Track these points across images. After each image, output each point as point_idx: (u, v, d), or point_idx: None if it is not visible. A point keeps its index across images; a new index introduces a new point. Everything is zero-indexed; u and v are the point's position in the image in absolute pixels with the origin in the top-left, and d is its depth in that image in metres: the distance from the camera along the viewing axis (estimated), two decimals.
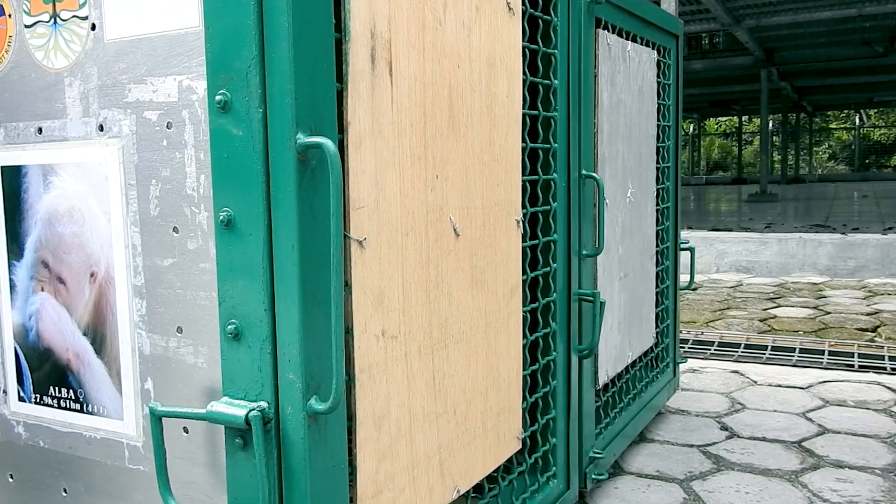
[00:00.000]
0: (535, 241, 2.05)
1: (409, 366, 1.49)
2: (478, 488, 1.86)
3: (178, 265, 1.41)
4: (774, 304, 6.15)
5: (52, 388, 1.61)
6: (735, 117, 31.76)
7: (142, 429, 1.50)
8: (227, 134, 1.24)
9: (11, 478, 1.73)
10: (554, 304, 2.14)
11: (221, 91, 1.24)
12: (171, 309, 1.43)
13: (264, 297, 1.24)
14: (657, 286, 3.14)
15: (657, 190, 3.06)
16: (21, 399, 1.67)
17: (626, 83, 2.62)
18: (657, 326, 3.16)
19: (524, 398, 2.01)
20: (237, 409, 1.25)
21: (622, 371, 2.78)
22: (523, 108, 1.93)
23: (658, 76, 3.03)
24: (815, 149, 34.34)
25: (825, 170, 34.09)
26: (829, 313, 5.80)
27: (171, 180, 1.40)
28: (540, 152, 2.06)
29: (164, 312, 1.44)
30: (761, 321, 5.54)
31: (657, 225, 3.08)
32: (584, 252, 2.30)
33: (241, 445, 1.29)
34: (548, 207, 2.10)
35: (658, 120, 3.03)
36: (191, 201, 1.38)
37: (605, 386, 2.60)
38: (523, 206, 1.96)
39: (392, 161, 1.42)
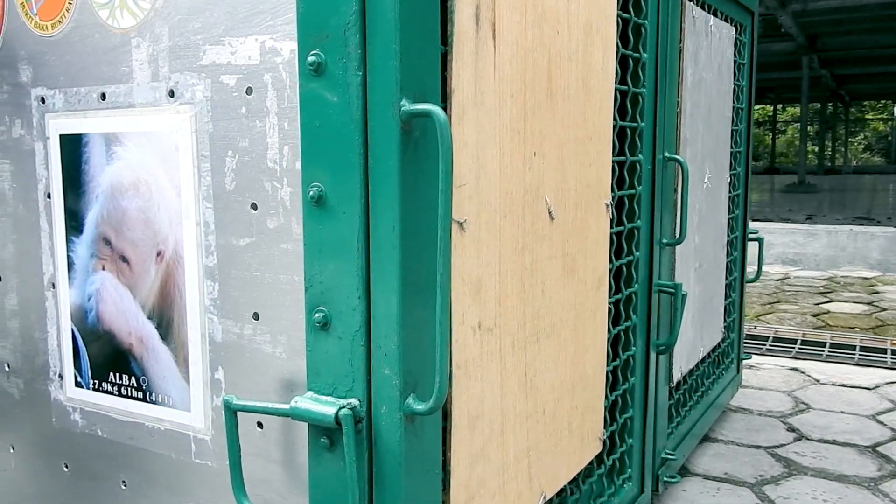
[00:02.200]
0: (621, 228, 1.90)
1: (502, 361, 1.35)
2: (558, 492, 1.73)
3: (255, 245, 1.29)
4: (826, 299, 5.93)
5: (112, 373, 1.50)
6: (769, 106, 31.09)
7: (210, 421, 1.39)
8: (320, 100, 1.11)
9: (66, 467, 1.63)
10: (635, 295, 1.99)
11: (314, 52, 1.11)
12: (246, 293, 1.31)
13: (358, 283, 1.11)
14: (726, 278, 2.97)
15: (730, 176, 2.88)
16: (78, 384, 1.57)
17: (708, 60, 2.44)
18: (724, 321, 2.99)
19: (605, 396, 1.87)
20: (326, 407, 1.12)
21: (692, 368, 2.63)
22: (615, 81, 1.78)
23: (734, 55, 2.85)
24: (850, 139, 33.54)
25: (860, 161, 33.31)
26: (884, 310, 5.57)
27: (250, 152, 1.27)
28: (628, 131, 1.91)
29: (239, 297, 1.32)
30: (814, 316, 5.33)
31: (728, 213, 2.91)
32: (664, 240, 2.14)
33: (328, 446, 1.16)
34: (633, 191, 1.95)
35: (733, 101, 2.85)
36: (272, 175, 1.25)
37: (677, 384, 2.45)
38: (610, 189, 1.81)
39: (493, 135, 1.28)
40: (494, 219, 1.30)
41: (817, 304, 5.82)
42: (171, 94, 1.34)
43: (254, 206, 1.28)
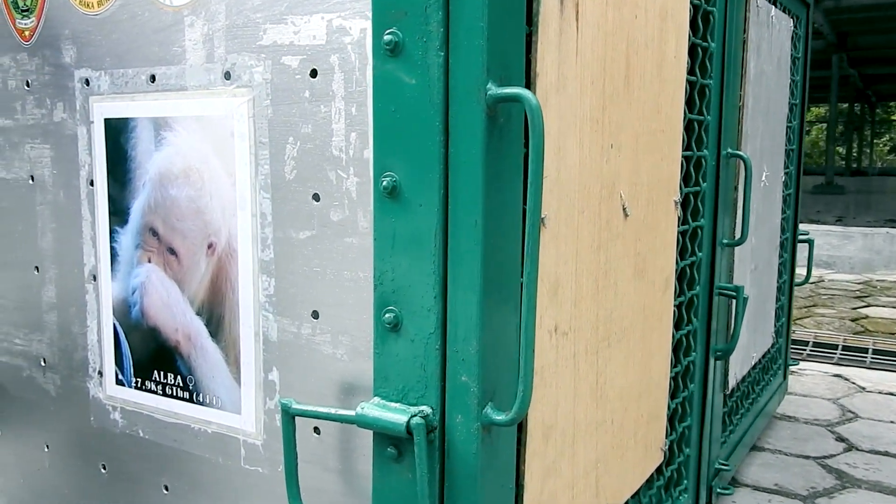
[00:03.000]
0: (686, 227, 1.80)
1: (576, 368, 1.26)
2: None
3: (317, 238, 1.20)
4: (864, 303, 5.77)
5: (156, 372, 1.43)
6: None
7: (262, 425, 1.31)
8: (397, 82, 1.02)
9: (104, 468, 1.56)
10: (697, 298, 1.89)
11: (391, 31, 1.02)
12: (305, 290, 1.22)
13: (434, 282, 1.02)
14: (777, 281, 2.86)
15: (783, 174, 2.77)
16: (119, 382, 1.49)
17: (769, 53, 2.33)
18: (773, 325, 2.88)
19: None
20: (397, 415, 1.03)
21: (744, 374, 2.52)
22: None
23: (790, 48, 2.73)
24: (875, 141, 33.04)
25: (885, 163, 32.80)
26: None
27: (313, 138, 1.18)
28: (695, 125, 1.80)
29: (297, 293, 1.23)
30: (853, 321, 5.18)
31: (781, 213, 2.80)
32: (724, 241, 2.04)
33: (395, 456, 1.08)
34: (698, 188, 1.84)
35: (788, 97, 2.74)
36: (337, 164, 1.16)
37: (731, 391, 2.35)
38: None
39: (573, 124, 1.18)
40: (573, 214, 1.20)
41: (855, 308, 5.67)
42: (227, 76, 1.26)
43: (316, 197, 1.19)
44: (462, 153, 0.99)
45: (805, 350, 4.30)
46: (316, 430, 1.25)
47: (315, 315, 1.22)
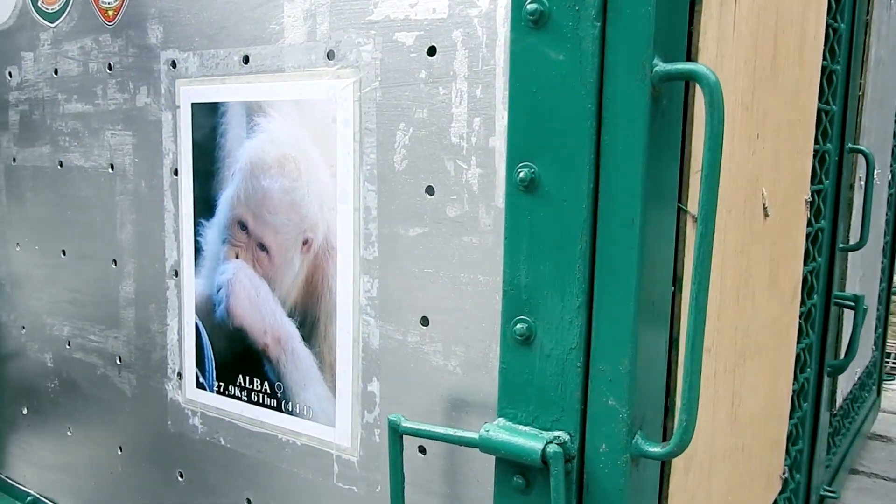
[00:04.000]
0: (809, 229, 1.63)
1: (715, 389, 1.11)
2: None
3: (430, 236, 1.08)
4: None
5: (241, 376, 1.32)
6: None
7: (359, 440, 1.19)
8: (540, 59, 0.88)
9: (181, 476, 1.46)
10: (815, 308, 1.72)
11: None
12: (414, 293, 1.10)
13: (578, 289, 0.89)
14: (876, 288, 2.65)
15: (889, 173, 2.56)
16: (200, 386, 1.39)
17: (887, 37, 2.14)
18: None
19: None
20: (531, 441, 0.90)
21: (848, 391, 2.34)
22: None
23: None
24: None
25: None
26: None
27: (429, 124, 1.06)
28: (822, 115, 1.63)
29: (404, 297, 1.11)
30: None
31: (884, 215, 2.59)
32: (841, 245, 1.86)
33: (522, 487, 0.95)
34: (821, 187, 1.67)
35: None
36: (456, 152, 1.04)
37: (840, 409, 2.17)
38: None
39: (727, 109, 1.03)
40: (721, 213, 1.06)
41: None
42: (331, 55, 1.14)
43: (429, 190, 1.07)
44: (619, 140, 0.85)
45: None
46: (421, 449, 1.13)
47: (424, 321, 1.10)
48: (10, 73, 1.65)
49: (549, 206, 0.90)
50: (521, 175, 0.91)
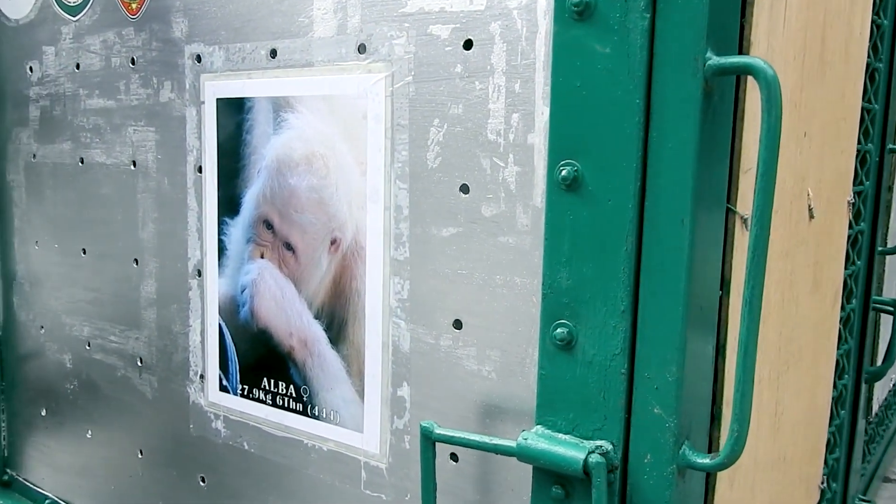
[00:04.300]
0: (849, 231, 1.58)
1: (759, 397, 1.07)
2: None
3: (463, 236, 1.04)
4: None
5: (265, 379, 1.29)
6: None
7: (388, 447, 1.15)
8: (584, 52, 0.84)
9: (203, 481, 1.43)
10: (853, 313, 1.67)
11: None
12: (446, 295, 1.06)
13: (623, 293, 0.85)
14: None
15: None
16: (223, 388, 1.36)
17: None
18: None
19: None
20: (571, 451, 0.86)
21: (884, 398, 2.28)
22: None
23: None
24: None
25: None
26: None
27: (465, 120, 1.02)
28: (864, 113, 1.58)
29: (436, 299, 1.07)
30: None
31: None
32: (880, 248, 1.80)
33: (561, 497, 0.90)
34: (861, 188, 1.62)
35: None
36: (493, 150, 1.00)
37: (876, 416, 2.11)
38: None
39: None
40: None
41: None
42: (362, 49, 1.10)
43: (464, 189, 1.03)
44: (668, 137, 0.81)
45: None
46: (453, 456, 1.09)
47: (457, 325, 1.06)
48: (30, 68, 1.63)
49: (592, 205, 0.86)
50: (563, 173, 0.87)
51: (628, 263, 0.85)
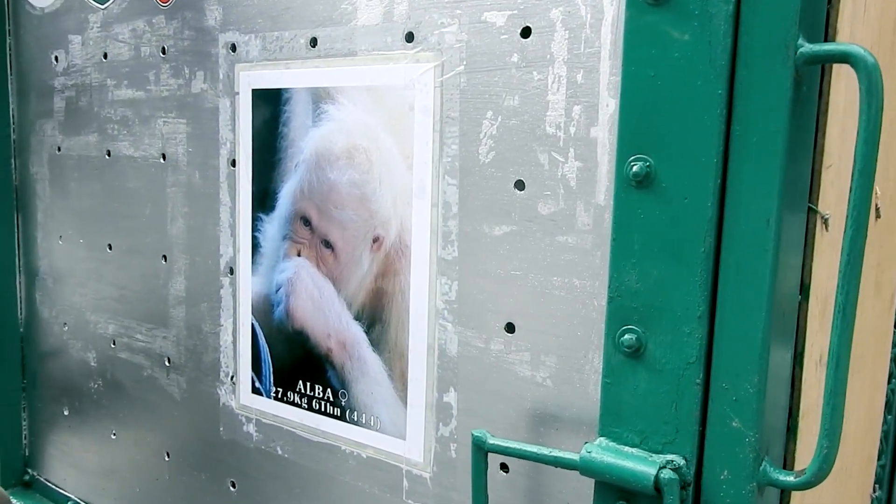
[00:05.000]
0: None
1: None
2: None
3: (518, 235, 0.98)
4: None
5: (301, 382, 1.24)
6: None
7: (433, 455, 1.10)
8: (660, 39, 0.79)
9: (233, 486, 1.38)
10: None
11: None
12: (498, 297, 1.01)
13: (700, 297, 0.79)
14: None
15: None
16: (255, 391, 1.31)
17: None
18: None
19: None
20: (641, 465, 0.81)
21: None
22: None
23: None
24: None
25: None
26: None
27: (521, 113, 0.96)
28: None
29: (486, 301, 1.02)
30: None
31: None
32: None
33: None
34: None
35: None
36: (551, 144, 0.94)
37: None
38: None
39: (853, 98, 0.93)
40: (838, 214, 0.96)
41: None
42: (410, 37, 1.05)
43: (519, 185, 0.98)
44: (754, 130, 0.75)
45: None
46: (503, 467, 1.04)
47: (510, 328, 1.01)
48: (56, 58, 1.58)
49: (666, 203, 0.80)
50: (635, 169, 0.81)
51: (706, 265, 0.79)
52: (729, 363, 0.80)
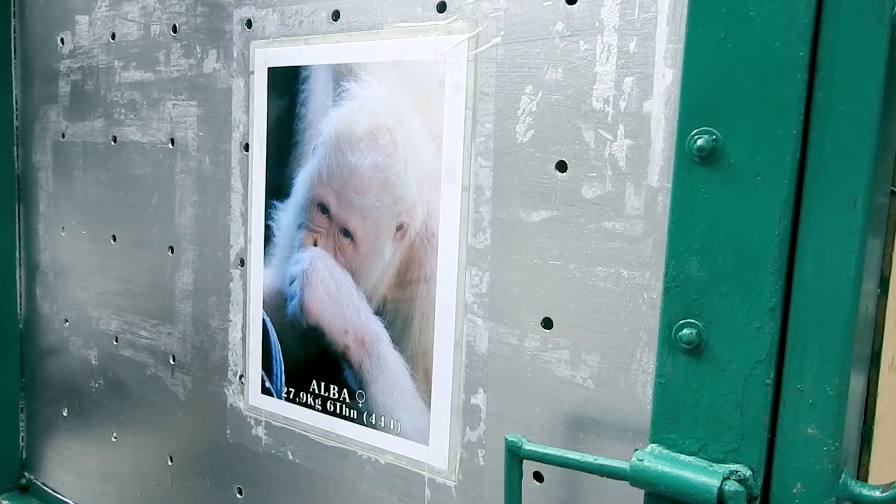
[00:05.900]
0: None
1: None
2: None
3: (558, 221, 0.90)
4: None
5: (315, 382, 1.15)
6: None
7: (458, 462, 1.01)
8: None
9: (240, 493, 1.29)
10: None
11: None
12: (534, 289, 0.92)
13: (773, 288, 0.70)
14: None
15: None
16: (266, 391, 1.23)
17: None
18: None
19: None
20: (701, 476, 0.72)
21: None
22: None
23: None
24: None
25: None
26: None
27: (563, 87, 0.88)
28: None
29: (521, 293, 0.93)
30: None
31: None
32: None
33: None
34: None
35: None
36: (598, 120, 0.86)
37: None
38: None
39: None
40: None
41: None
42: (441, 7, 0.97)
43: (560, 166, 0.89)
44: (841, 99, 0.67)
45: None
46: (537, 475, 0.95)
47: (547, 324, 0.92)
48: (61, 40, 1.51)
49: (735, 181, 0.71)
50: (699, 143, 0.72)
51: (780, 252, 0.70)
52: (804, 362, 0.70)
